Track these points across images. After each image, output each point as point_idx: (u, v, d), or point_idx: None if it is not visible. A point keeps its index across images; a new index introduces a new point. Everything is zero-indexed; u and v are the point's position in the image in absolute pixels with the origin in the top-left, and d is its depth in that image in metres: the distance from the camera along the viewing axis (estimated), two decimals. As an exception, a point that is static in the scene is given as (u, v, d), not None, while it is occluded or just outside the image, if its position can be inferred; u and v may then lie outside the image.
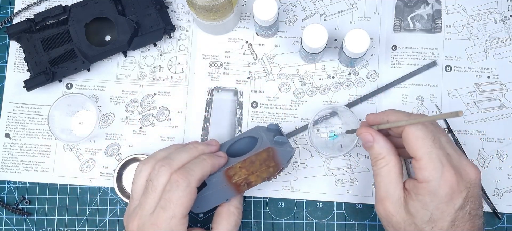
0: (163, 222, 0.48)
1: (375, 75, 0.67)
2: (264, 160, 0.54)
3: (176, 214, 0.49)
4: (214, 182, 0.53)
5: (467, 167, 0.49)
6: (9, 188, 0.67)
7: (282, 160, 0.55)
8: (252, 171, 0.54)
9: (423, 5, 0.69)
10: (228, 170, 0.53)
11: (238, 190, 0.55)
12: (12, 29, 0.65)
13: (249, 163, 0.53)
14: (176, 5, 0.70)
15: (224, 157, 0.55)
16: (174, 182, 0.49)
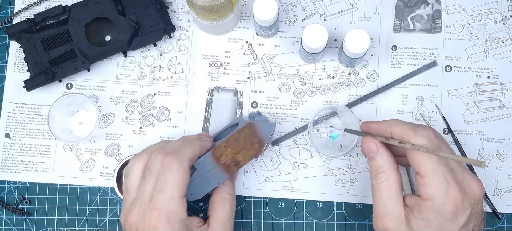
0: (162, 204, 0.49)
1: (375, 75, 0.67)
2: (247, 137, 0.56)
3: (173, 194, 0.49)
4: (203, 165, 0.55)
5: (471, 182, 0.48)
6: (9, 188, 0.67)
7: (265, 134, 0.57)
8: (238, 149, 0.55)
9: (423, 5, 0.69)
10: (214, 150, 0.55)
11: (228, 171, 0.56)
12: (12, 29, 0.65)
13: (233, 141, 0.55)
14: (176, 5, 0.70)
15: (209, 139, 0.57)
16: (167, 164, 0.50)
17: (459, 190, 0.46)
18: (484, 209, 0.50)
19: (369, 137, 0.53)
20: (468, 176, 0.48)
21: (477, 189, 0.48)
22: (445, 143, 0.50)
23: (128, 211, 0.51)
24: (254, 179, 0.66)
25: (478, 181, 0.48)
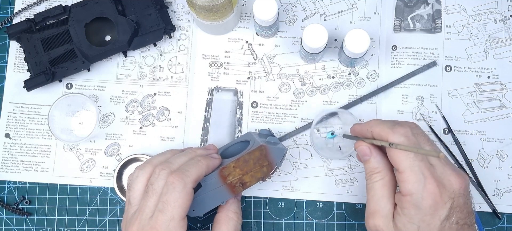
0: (162, 224, 0.48)
1: (375, 75, 0.67)
2: (258, 159, 0.54)
3: (174, 216, 0.49)
4: (209, 183, 0.54)
5: (451, 176, 0.48)
6: (9, 188, 0.67)
7: (275, 159, 0.56)
8: (246, 170, 0.54)
9: (423, 5, 0.69)
10: (222, 169, 0.54)
11: (234, 191, 0.55)
12: (12, 29, 0.65)
13: (243, 162, 0.54)
14: (176, 5, 0.70)
15: (218, 158, 0.56)
16: (171, 184, 0.49)
17: (436, 185, 0.47)
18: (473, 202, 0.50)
19: (361, 141, 0.53)
20: (449, 170, 0.48)
21: (456, 183, 0.48)
22: (425, 138, 0.51)
23: (128, 223, 0.51)
24: (254, 179, 0.66)
25: (459, 175, 0.48)
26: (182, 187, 0.49)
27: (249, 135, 0.60)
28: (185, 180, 0.50)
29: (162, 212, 0.49)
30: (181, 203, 0.49)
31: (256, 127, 0.67)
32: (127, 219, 0.52)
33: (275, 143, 0.58)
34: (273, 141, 0.58)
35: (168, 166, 0.51)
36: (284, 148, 0.57)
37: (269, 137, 0.58)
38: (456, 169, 0.49)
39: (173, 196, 0.49)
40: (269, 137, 0.58)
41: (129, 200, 0.53)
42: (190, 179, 0.50)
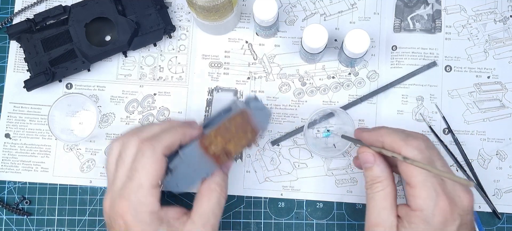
0: (130, 193, 0.46)
1: (375, 75, 0.67)
2: (240, 125, 0.51)
3: (142, 183, 0.46)
4: (189, 155, 0.50)
5: (461, 193, 0.47)
6: (9, 188, 0.67)
7: (259, 123, 0.53)
8: (229, 138, 0.51)
9: (423, 5, 0.69)
10: (202, 139, 0.50)
11: (218, 161, 0.51)
12: (12, 29, 0.65)
13: (224, 130, 0.50)
14: (176, 5, 0.70)
15: (197, 128, 0.51)
16: (139, 151, 0.47)
17: (448, 202, 0.46)
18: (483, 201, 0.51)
19: (365, 147, 0.51)
20: (459, 186, 0.48)
21: (467, 200, 0.47)
22: (437, 153, 0.49)
23: (105, 195, 0.49)
24: (254, 179, 0.66)
25: (469, 192, 0.48)
26: (151, 153, 0.46)
27: (233, 103, 0.56)
28: (154, 145, 0.47)
29: (131, 179, 0.46)
30: (149, 170, 0.46)
31: (256, 127, 0.67)
32: (105, 193, 0.50)
33: (259, 107, 0.54)
34: (258, 106, 0.54)
35: (136, 133, 0.48)
36: (268, 111, 0.55)
37: (253, 101, 0.54)
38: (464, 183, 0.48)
39: (141, 163, 0.46)
40: (253, 102, 0.54)
41: (107, 176, 0.51)
42: (160, 144, 0.47)
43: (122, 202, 0.46)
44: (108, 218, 0.48)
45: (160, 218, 0.47)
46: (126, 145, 0.48)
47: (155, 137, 0.48)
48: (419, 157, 0.47)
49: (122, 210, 0.46)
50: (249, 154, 0.66)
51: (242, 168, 0.66)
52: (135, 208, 0.46)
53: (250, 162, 0.66)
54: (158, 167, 0.47)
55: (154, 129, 0.50)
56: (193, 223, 0.48)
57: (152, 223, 0.46)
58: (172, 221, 0.48)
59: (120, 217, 0.46)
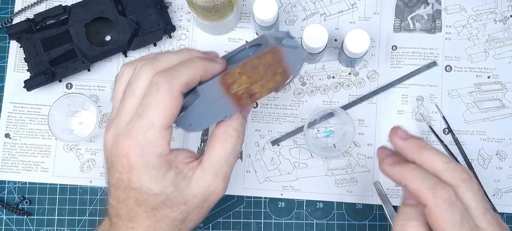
0: (139, 131, 0.40)
1: (375, 75, 0.67)
2: (269, 65, 0.44)
3: (154, 122, 0.40)
4: (208, 92, 0.43)
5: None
6: (9, 188, 0.67)
7: (291, 65, 0.45)
8: (255, 78, 0.44)
9: (423, 5, 0.69)
10: (225, 76, 0.43)
11: (240, 104, 0.44)
12: (12, 29, 0.65)
13: (251, 68, 0.43)
14: (176, 5, 0.70)
15: (221, 62, 0.44)
16: (154, 85, 0.40)
17: None
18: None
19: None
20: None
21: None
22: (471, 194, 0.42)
23: (106, 128, 0.43)
24: (254, 179, 0.66)
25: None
26: (168, 89, 0.39)
27: (263, 38, 0.49)
28: (172, 81, 0.40)
29: (140, 116, 0.40)
30: (164, 108, 0.40)
31: (257, 127, 0.67)
32: (107, 124, 0.44)
33: (293, 45, 0.46)
34: (291, 43, 0.46)
35: (151, 63, 0.41)
36: (303, 51, 0.46)
37: (286, 39, 0.46)
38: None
39: (155, 99, 0.39)
40: (286, 39, 0.46)
41: (113, 103, 0.44)
42: (178, 80, 0.40)
43: (128, 141, 0.40)
44: (109, 155, 0.42)
45: (168, 161, 0.41)
46: (139, 74, 0.41)
47: (173, 70, 0.41)
48: (449, 209, 0.40)
49: (127, 150, 0.40)
50: (249, 154, 0.66)
51: (242, 168, 0.66)
52: (143, 149, 0.40)
53: (250, 162, 0.66)
54: (173, 106, 0.40)
55: (171, 59, 0.42)
56: (204, 171, 0.43)
57: (160, 167, 0.41)
58: (181, 166, 0.43)
59: (124, 157, 0.40)
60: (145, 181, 0.40)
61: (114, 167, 0.41)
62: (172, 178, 0.41)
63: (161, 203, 0.41)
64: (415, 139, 0.44)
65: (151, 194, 0.41)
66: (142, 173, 0.40)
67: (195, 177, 0.43)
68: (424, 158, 0.42)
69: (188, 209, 0.43)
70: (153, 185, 0.40)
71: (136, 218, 0.42)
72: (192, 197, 0.42)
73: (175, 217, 0.42)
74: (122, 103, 0.42)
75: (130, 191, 0.41)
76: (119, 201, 0.42)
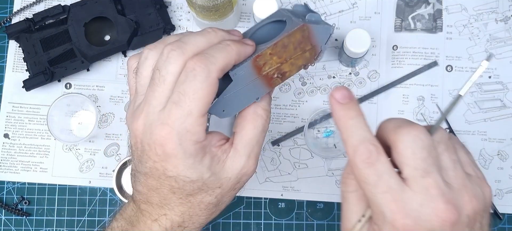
0: (176, 120, 0.38)
1: (375, 75, 0.67)
2: (299, 43, 0.43)
3: (192, 110, 0.38)
4: (241, 76, 0.42)
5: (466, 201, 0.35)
6: (8, 188, 0.67)
7: (319, 41, 0.44)
8: (286, 57, 0.43)
9: (424, 4, 0.69)
10: (256, 58, 0.42)
11: (270, 84, 0.44)
12: (11, 29, 0.65)
13: (281, 47, 0.42)
14: (175, 5, 0.69)
15: (251, 44, 0.42)
16: (190, 71, 0.38)
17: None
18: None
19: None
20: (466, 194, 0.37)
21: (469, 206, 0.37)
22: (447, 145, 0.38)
23: (133, 115, 0.41)
24: (254, 180, 0.66)
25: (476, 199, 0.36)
26: (206, 76, 0.38)
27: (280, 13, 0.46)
28: (209, 67, 0.38)
29: (177, 104, 0.39)
30: (201, 95, 0.38)
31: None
32: (133, 109, 0.42)
33: (318, 20, 0.45)
34: (315, 18, 0.45)
35: (179, 46, 0.40)
36: (329, 26, 0.45)
37: (309, 13, 0.45)
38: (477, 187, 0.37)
39: (192, 86, 0.38)
40: (309, 14, 0.45)
41: (136, 88, 0.43)
42: (215, 66, 0.39)
43: (164, 130, 0.39)
44: (140, 143, 0.41)
45: (204, 147, 0.41)
46: (168, 60, 0.39)
47: (208, 55, 0.39)
48: (416, 140, 0.34)
49: (164, 139, 0.39)
50: (249, 154, 0.66)
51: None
52: (180, 137, 0.39)
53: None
54: (211, 93, 0.39)
55: (200, 41, 0.41)
56: (237, 152, 0.42)
57: (197, 154, 0.40)
58: (214, 150, 0.42)
59: (159, 146, 0.39)
60: (182, 169, 0.40)
61: (147, 155, 0.40)
62: (208, 163, 0.41)
63: (197, 189, 0.41)
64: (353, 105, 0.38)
65: (188, 181, 0.40)
66: (180, 162, 0.39)
67: (229, 160, 0.42)
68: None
69: (223, 192, 0.43)
70: (190, 172, 0.40)
71: (169, 205, 0.41)
72: (227, 180, 0.42)
73: (210, 201, 0.42)
74: (151, 90, 0.40)
75: (165, 180, 0.40)
76: (150, 189, 0.41)
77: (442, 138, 0.37)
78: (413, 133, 0.35)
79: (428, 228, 0.34)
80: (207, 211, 0.43)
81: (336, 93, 0.38)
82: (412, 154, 0.34)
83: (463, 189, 0.35)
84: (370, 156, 0.35)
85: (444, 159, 0.36)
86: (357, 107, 0.38)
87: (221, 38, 0.42)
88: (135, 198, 0.44)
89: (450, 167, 0.36)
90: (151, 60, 0.41)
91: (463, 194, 0.35)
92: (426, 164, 0.34)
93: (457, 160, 0.37)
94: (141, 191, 0.42)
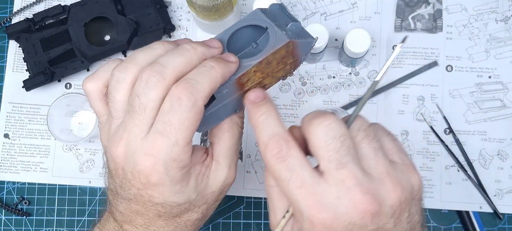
0: (162, 150, 0.36)
1: (375, 75, 0.67)
2: (282, 57, 0.42)
3: (179, 140, 0.36)
4: (224, 94, 0.41)
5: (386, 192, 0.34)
6: (8, 188, 0.67)
7: (301, 53, 0.43)
8: (268, 72, 0.42)
9: (424, 4, 0.68)
10: (241, 77, 0.40)
11: None
12: (11, 29, 0.65)
13: (266, 64, 0.41)
14: (175, 5, 0.69)
15: (235, 61, 0.40)
16: (176, 100, 0.36)
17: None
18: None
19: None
20: (383, 187, 0.35)
21: (392, 197, 0.36)
22: (367, 132, 0.37)
23: (112, 140, 0.39)
24: (255, 179, 0.66)
25: (395, 189, 0.35)
26: (192, 105, 0.36)
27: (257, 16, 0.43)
28: (195, 96, 0.36)
29: (162, 135, 0.36)
30: (188, 125, 0.36)
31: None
32: (109, 132, 0.40)
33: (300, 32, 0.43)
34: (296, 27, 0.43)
35: (159, 71, 0.37)
36: (312, 40, 0.43)
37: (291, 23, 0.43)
38: (398, 178, 0.36)
39: (178, 116, 0.36)
40: (291, 24, 0.43)
41: (110, 111, 0.40)
42: (201, 94, 0.36)
43: (148, 160, 0.37)
44: (122, 170, 0.39)
45: (189, 170, 0.40)
46: (148, 86, 0.37)
47: (193, 82, 0.37)
48: (326, 128, 0.34)
49: (149, 170, 0.37)
50: (249, 154, 0.66)
51: (242, 168, 0.66)
52: (167, 167, 0.37)
53: (250, 162, 0.66)
54: (197, 121, 0.37)
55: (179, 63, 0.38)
56: (219, 164, 0.42)
57: (183, 178, 0.39)
58: (198, 167, 0.41)
59: (144, 176, 0.38)
60: (169, 195, 0.39)
61: (130, 183, 0.39)
62: (194, 184, 0.40)
63: (184, 210, 0.41)
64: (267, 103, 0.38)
65: (175, 206, 0.40)
66: (167, 190, 0.38)
67: (212, 174, 0.42)
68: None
69: (208, 206, 0.42)
70: (177, 197, 0.39)
71: (154, 226, 0.41)
72: (211, 194, 0.42)
73: (196, 217, 0.42)
74: (131, 117, 0.38)
75: (152, 206, 0.40)
76: (134, 212, 0.41)
77: (361, 126, 0.36)
78: (324, 124, 0.34)
79: (347, 221, 0.33)
80: (193, 227, 0.43)
81: (250, 95, 0.39)
82: (325, 145, 0.34)
83: (385, 177, 0.34)
84: (281, 150, 0.35)
85: (363, 148, 0.35)
86: (270, 104, 0.38)
87: (201, 55, 0.39)
88: (116, 217, 0.43)
89: (371, 155, 0.35)
90: (124, 83, 0.38)
91: (385, 183, 0.33)
92: (339, 154, 0.33)
93: (378, 147, 0.35)
94: (123, 213, 0.41)
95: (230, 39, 0.44)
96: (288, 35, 0.41)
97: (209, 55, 0.40)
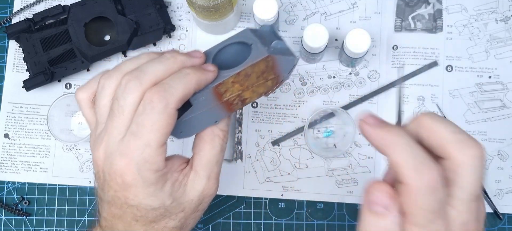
0: (134, 151, 0.39)
1: (376, 75, 0.67)
2: (262, 72, 0.43)
3: (150, 142, 0.38)
4: (201, 102, 0.42)
5: None
6: (8, 188, 0.67)
7: (283, 71, 0.44)
8: (247, 86, 0.43)
9: (424, 4, 0.68)
10: (218, 86, 0.42)
11: (230, 109, 0.45)
12: (11, 29, 0.65)
13: (244, 76, 0.42)
14: (175, 5, 0.69)
15: (213, 70, 0.42)
16: (148, 103, 0.38)
17: None
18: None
19: (378, 183, 0.31)
20: None
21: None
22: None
23: (94, 143, 0.42)
24: (255, 180, 0.66)
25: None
26: (163, 108, 0.38)
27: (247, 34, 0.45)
28: (167, 99, 0.38)
29: (135, 136, 0.39)
30: (159, 127, 0.38)
31: (257, 127, 0.67)
32: (94, 137, 0.42)
33: (283, 50, 0.44)
34: (281, 46, 0.44)
35: (137, 76, 0.39)
36: (293, 58, 0.45)
37: (276, 41, 0.44)
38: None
39: (150, 118, 0.38)
40: (276, 42, 0.44)
41: (97, 117, 0.42)
42: (174, 97, 0.39)
43: (123, 160, 0.39)
44: (101, 172, 0.41)
45: (164, 175, 0.41)
46: (126, 90, 0.39)
47: (167, 86, 0.39)
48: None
49: (122, 170, 0.39)
50: (249, 154, 0.66)
51: (242, 168, 0.66)
52: (139, 167, 0.39)
53: (250, 162, 0.66)
54: (169, 124, 0.39)
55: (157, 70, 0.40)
56: (197, 174, 0.43)
57: (157, 182, 0.40)
58: (175, 175, 0.42)
59: (119, 176, 0.40)
60: (143, 197, 0.40)
61: (108, 185, 0.41)
62: (169, 190, 0.42)
63: (160, 215, 0.42)
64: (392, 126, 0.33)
65: (150, 209, 0.41)
66: (140, 191, 0.40)
67: (190, 183, 0.43)
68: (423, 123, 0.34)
69: (186, 215, 0.44)
70: (151, 200, 0.41)
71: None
72: (189, 203, 0.43)
73: (174, 225, 0.43)
74: (111, 120, 0.40)
75: (128, 208, 0.41)
76: (114, 216, 0.43)
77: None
78: (477, 154, 0.33)
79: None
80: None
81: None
82: (474, 181, 0.32)
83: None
84: (437, 180, 0.31)
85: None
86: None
87: (180, 64, 0.41)
88: (101, 224, 0.45)
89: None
90: (109, 89, 0.41)
91: None
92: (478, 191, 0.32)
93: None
94: (106, 218, 0.44)
95: (218, 53, 0.45)
96: (268, 50, 0.42)
97: (189, 64, 0.42)
